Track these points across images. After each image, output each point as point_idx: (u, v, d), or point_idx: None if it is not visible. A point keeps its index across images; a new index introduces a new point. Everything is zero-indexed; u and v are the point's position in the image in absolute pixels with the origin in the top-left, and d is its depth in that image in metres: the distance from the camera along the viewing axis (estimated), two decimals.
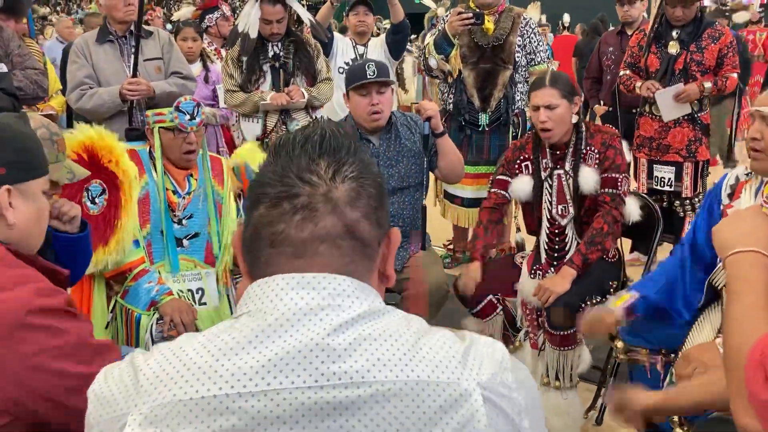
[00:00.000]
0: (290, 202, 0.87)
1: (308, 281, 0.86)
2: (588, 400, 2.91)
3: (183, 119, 2.61)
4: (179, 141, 2.64)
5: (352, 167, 0.90)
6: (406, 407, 0.81)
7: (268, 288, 0.87)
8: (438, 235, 4.37)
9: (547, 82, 2.78)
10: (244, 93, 3.95)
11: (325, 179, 0.88)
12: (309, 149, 0.90)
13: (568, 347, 2.71)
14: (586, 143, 2.82)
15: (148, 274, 2.56)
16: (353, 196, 0.88)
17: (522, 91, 4.12)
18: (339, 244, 0.87)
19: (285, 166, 0.89)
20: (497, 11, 4.04)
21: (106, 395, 0.86)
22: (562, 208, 2.87)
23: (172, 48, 3.85)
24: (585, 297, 2.71)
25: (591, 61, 5.47)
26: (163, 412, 0.81)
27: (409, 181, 3.03)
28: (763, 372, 1.10)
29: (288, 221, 0.87)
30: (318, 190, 0.87)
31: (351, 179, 0.89)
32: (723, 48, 3.97)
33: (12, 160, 1.42)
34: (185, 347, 0.85)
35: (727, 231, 1.34)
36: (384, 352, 0.83)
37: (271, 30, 3.92)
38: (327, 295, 0.85)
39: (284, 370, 0.81)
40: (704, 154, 4.10)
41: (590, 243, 2.74)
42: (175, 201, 2.67)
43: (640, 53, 4.19)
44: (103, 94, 3.56)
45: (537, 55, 4.09)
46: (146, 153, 2.69)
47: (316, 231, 0.87)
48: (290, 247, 0.87)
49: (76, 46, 3.75)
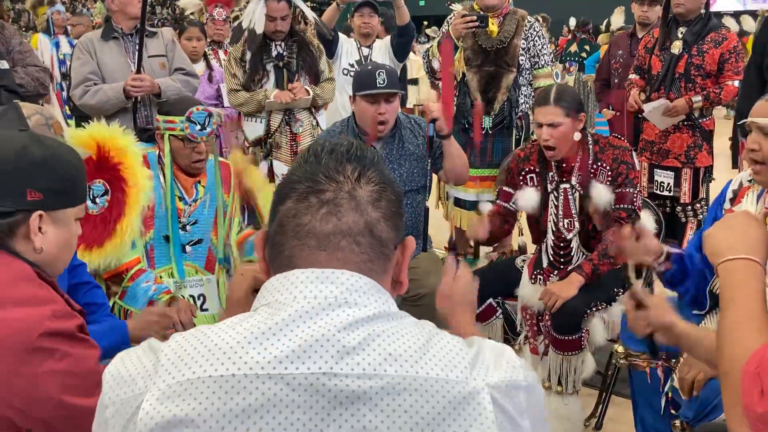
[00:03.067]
0: (317, 197, 0.93)
1: (327, 276, 0.90)
2: (588, 404, 2.90)
3: (194, 129, 2.59)
4: (188, 150, 2.63)
5: (374, 173, 0.97)
6: (416, 402, 0.84)
7: (288, 281, 0.91)
8: (439, 237, 4.36)
9: (551, 100, 2.70)
10: (248, 92, 3.95)
11: (350, 179, 0.94)
12: (336, 155, 0.96)
13: (572, 352, 2.70)
14: (596, 158, 2.77)
15: (145, 273, 2.55)
16: (375, 197, 0.95)
17: (526, 94, 4.10)
18: (359, 241, 0.93)
19: (313, 167, 0.95)
20: (501, 14, 4.02)
21: (124, 375, 0.89)
22: (568, 222, 2.82)
23: (175, 46, 3.88)
24: (590, 303, 2.69)
25: (601, 63, 5.44)
26: (182, 389, 0.84)
27: (411, 185, 3.01)
28: (758, 385, 1.08)
29: (314, 214, 0.92)
30: (343, 188, 0.93)
31: (373, 183, 0.96)
32: (725, 53, 3.90)
33: (52, 188, 1.40)
34: (206, 332, 0.89)
35: (718, 237, 1.32)
36: (395, 349, 0.87)
37: (275, 27, 3.91)
38: (345, 290, 0.90)
39: (301, 356, 0.84)
40: (704, 160, 4.05)
41: (603, 255, 2.70)
42: (182, 208, 2.66)
43: (646, 56, 4.17)
44: (108, 90, 3.56)
45: (541, 58, 4.07)
46: (155, 157, 2.67)
47: (339, 225, 0.92)
48: (314, 239, 0.92)
49: (81, 42, 3.77)
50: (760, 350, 1.12)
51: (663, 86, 4.01)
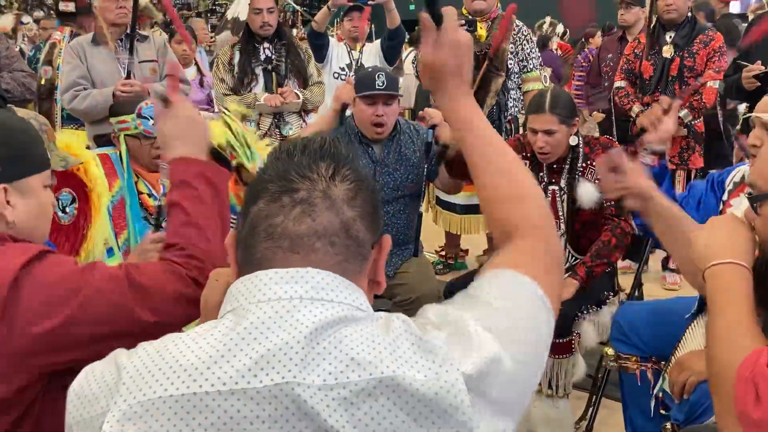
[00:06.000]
0: (290, 196, 0.88)
1: (291, 275, 0.86)
2: (579, 407, 2.90)
3: (147, 125, 2.53)
4: (147, 147, 2.57)
5: (349, 171, 0.92)
6: (382, 407, 0.79)
7: (252, 284, 0.87)
8: (430, 241, 4.36)
9: (546, 108, 2.69)
10: (237, 96, 3.94)
11: (325, 177, 0.90)
12: (310, 152, 0.92)
13: (563, 355, 2.70)
14: (585, 158, 2.78)
15: None
16: (351, 195, 0.90)
17: (515, 98, 4.12)
18: (334, 242, 0.88)
19: (285, 164, 0.91)
20: (489, 18, 4.04)
21: (87, 394, 0.86)
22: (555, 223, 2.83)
23: (167, 51, 3.86)
24: (581, 306, 2.70)
25: (591, 67, 5.48)
26: (143, 409, 0.80)
27: (405, 190, 3.01)
28: (753, 390, 1.07)
29: (287, 214, 0.87)
30: (317, 186, 0.89)
31: (349, 180, 0.91)
32: (710, 51, 4.00)
33: (7, 157, 1.37)
34: (169, 346, 0.85)
35: (705, 242, 1.31)
36: (359, 353, 0.81)
37: (262, 19, 3.90)
38: (310, 288, 0.85)
39: (264, 368, 0.80)
40: (696, 162, 4.11)
41: (596, 256, 2.71)
42: (151, 204, 2.60)
43: (635, 60, 4.20)
44: (97, 95, 3.54)
45: (530, 62, 4.09)
46: (117, 156, 2.60)
47: (313, 226, 0.87)
48: (287, 241, 0.87)
49: (71, 47, 3.74)
50: (752, 355, 1.11)
51: (658, 90, 4.06)
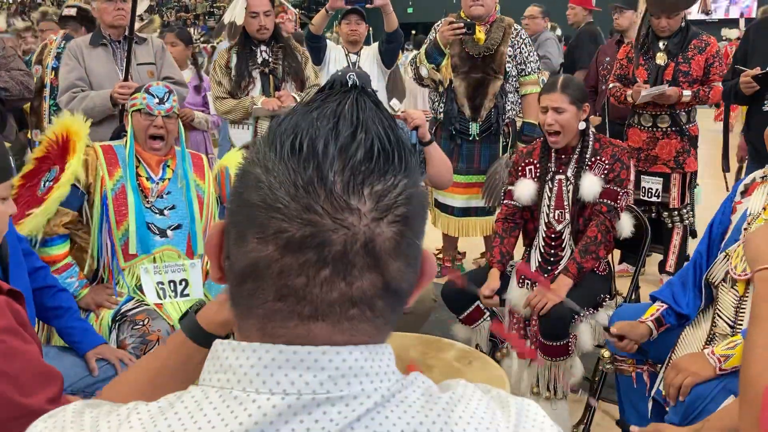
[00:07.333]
0: (318, 252, 0.60)
1: (301, 358, 0.61)
2: (576, 410, 2.91)
3: (151, 101, 2.64)
4: (147, 124, 2.66)
5: (403, 193, 0.62)
6: None
7: (246, 360, 0.62)
8: (427, 244, 4.36)
9: (558, 87, 2.81)
10: (234, 99, 3.95)
11: (368, 219, 0.60)
12: (352, 163, 0.61)
13: (560, 358, 2.71)
14: (594, 152, 2.84)
15: (71, 268, 2.58)
16: (398, 240, 0.62)
17: (512, 101, 4.13)
18: (374, 305, 0.63)
19: (309, 187, 0.60)
20: (488, 21, 4.05)
21: None
22: (559, 213, 2.89)
23: (164, 54, 3.87)
24: (577, 309, 2.71)
25: (589, 70, 5.50)
26: None
27: None
28: None
29: (312, 276, 0.60)
30: (357, 234, 0.60)
31: (398, 212, 0.62)
32: (709, 58, 4.00)
33: None
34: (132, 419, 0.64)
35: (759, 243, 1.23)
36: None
37: (259, 23, 3.91)
38: (327, 377, 0.61)
39: None
40: (691, 165, 4.12)
41: (584, 251, 2.77)
42: (149, 186, 2.67)
43: (629, 65, 4.21)
44: (95, 97, 3.55)
45: (528, 66, 4.10)
46: (122, 148, 2.69)
47: (348, 292, 0.61)
48: (308, 307, 0.61)
49: (69, 48, 3.75)
50: None
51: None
